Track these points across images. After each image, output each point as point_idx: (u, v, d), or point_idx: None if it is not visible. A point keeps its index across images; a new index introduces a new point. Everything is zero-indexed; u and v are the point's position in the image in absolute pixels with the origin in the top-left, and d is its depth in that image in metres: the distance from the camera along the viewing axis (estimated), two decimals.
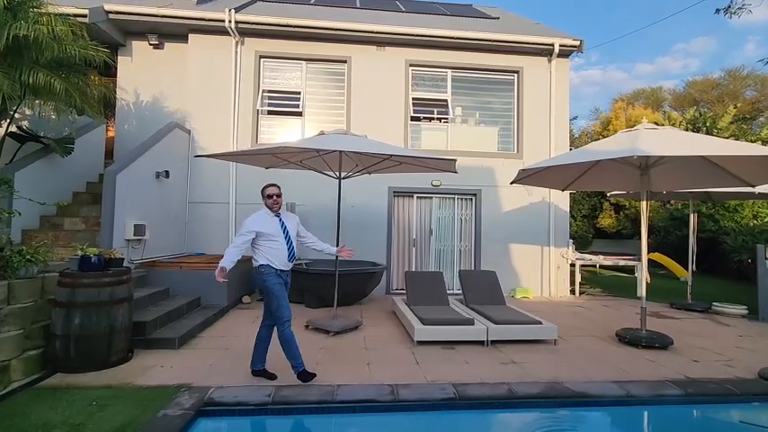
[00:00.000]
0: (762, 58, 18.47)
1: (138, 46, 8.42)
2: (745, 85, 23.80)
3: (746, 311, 7.12)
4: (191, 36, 8.08)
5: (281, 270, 3.79)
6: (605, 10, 54.63)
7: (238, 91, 8.08)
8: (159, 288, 5.60)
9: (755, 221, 11.00)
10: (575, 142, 19.22)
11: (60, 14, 5.41)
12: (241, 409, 3.20)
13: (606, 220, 17.01)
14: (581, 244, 15.15)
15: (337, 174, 5.68)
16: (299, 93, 8.32)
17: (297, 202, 7.85)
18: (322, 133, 5.38)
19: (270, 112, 8.37)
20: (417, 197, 8.60)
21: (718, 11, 16.36)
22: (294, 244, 3.93)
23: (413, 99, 8.60)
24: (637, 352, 4.86)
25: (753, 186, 5.84)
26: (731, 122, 15.33)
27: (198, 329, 5.06)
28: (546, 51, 8.75)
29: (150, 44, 8.31)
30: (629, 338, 5.11)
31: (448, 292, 6.48)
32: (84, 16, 7.06)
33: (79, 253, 3.95)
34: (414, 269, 8.42)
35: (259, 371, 3.76)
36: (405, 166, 6.13)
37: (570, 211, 12.66)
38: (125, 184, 5.61)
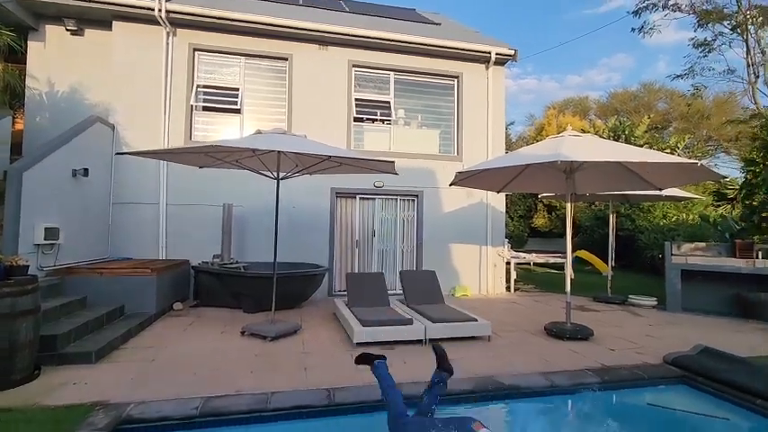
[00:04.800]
0: (669, 75, 20.59)
1: (54, 31, 7.65)
2: (657, 97, 26.43)
3: (656, 302, 7.90)
4: (115, 23, 7.47)
5: None
6: (540, 24, 58.13)
7: (170, 85, 7.60)
8: (75, 297, 5.11)
9: (665, 221, 12.23)
10: (512, 146, 20.21)
11: None
12: (165, 424, 3.00)
13: (540, 220, 18.11)
14: (517, 243, 15.97)
15: (275, 174, 5.51)
16: (237, 89, 7.99)
17: (234, 203, 7.53)
18: (259, 132, 5.20)
19: (205, 109, 7.96)
20: (360, 198, 8.60)
21: (633, 29, 17.99)
22: None
23: (356, 100, 8.59)
24: (562, 344, 5.20)
25: (660, 190, 6.50)
26: (646, 131, 16.95)
27: (120, 341, 4.68)
28: (484, 59, 9.12)
29: (67, 29, 7.58)
30: (555, 332, 5.47)
31: (390, 292, 6.54)
32: None
33: None
34: (356, 270, 8.41)
35: None
36: (345, 167, 6.09)
37: (507, 212, 13.31)
38: (35, 182, 5.06)
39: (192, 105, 7.74)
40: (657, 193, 7.10)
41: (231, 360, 4.34)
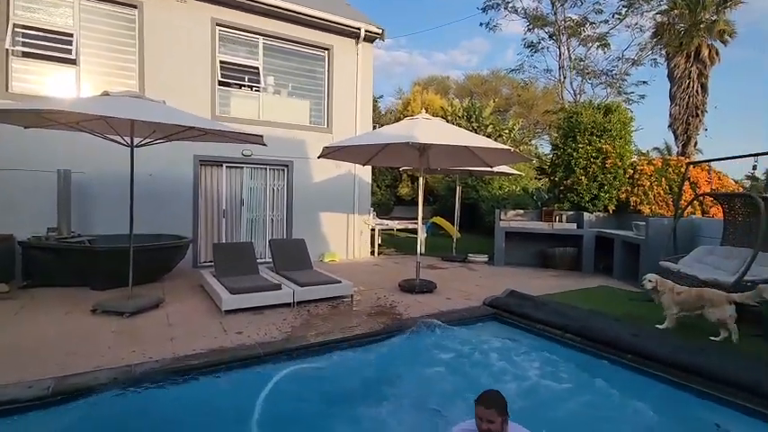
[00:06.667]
0: (507, 68, 24.01)
1: None
2: (502, 83, 30.37)
3: (488, 259, 9.69)
4: None
5: None
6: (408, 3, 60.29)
7: None
8: None
9: (500, 191, 14.67)
10: (380, 119, 21.31)
11: None
12: (14, 407, 2.86)
13: (404, 189, 19.77)
14: (384, 210, 17.26)
15: (128, 141, 5.09)
16: (70, 35, 6.82)
17: (72, 168, 6.61)
18: (106, 94, 4.69)
19: (26, 54, 6.65)
20: (227, 167, 8.34)
21: (481, 24, 20.31)
22: None
23: (221, 62, 8.13)
24: (412, 296, 6.17)
25: (491, 167, 7.92)
26: (491, 113, 19.62)
27: None
28: (354, 34, 9.45)
29: None
30: (407, 287, 6.44)
31: (259, 261, 6.71)
32: None
33: None
34: (224, 240, 8.28)
35: None
36: (211, 135, 5.91)
37: (375, 182, 14.25)
38: None
39: (7, 49, 6.39)
40: (490, 169, 8.60)
41: (83, 340, 4.10)
